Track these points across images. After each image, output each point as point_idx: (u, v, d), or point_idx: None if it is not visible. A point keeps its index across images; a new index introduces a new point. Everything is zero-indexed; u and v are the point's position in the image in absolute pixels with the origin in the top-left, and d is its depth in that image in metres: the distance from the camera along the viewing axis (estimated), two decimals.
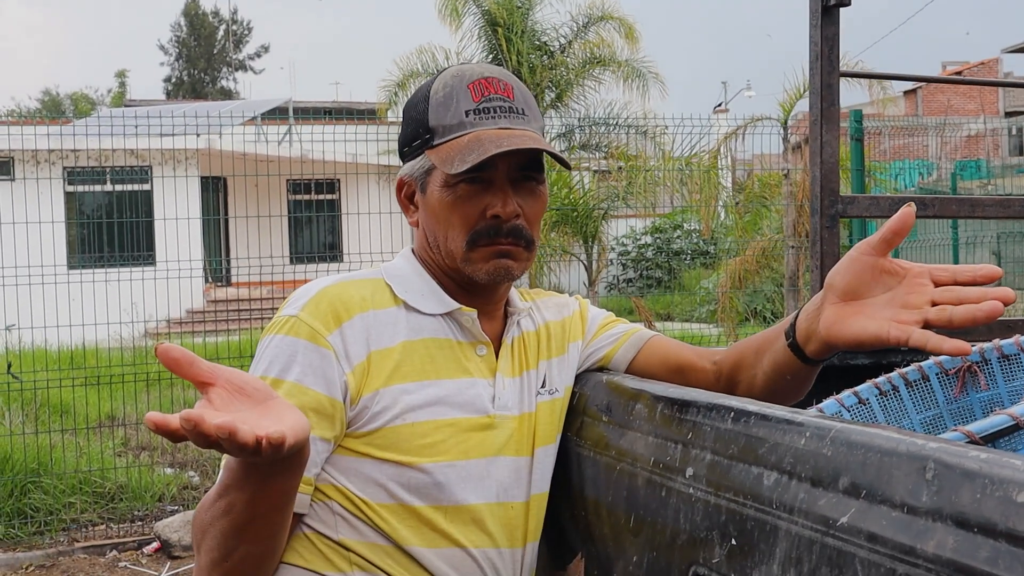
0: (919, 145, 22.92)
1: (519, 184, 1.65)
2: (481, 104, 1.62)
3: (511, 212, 1.62)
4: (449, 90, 1.65)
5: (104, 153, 11.18)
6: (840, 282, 1.43)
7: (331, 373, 1.56)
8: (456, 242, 1.64)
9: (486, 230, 1.63)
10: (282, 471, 1.31)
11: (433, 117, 1.64)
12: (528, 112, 1.66)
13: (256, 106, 21.43)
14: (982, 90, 36.90)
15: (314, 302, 1.60)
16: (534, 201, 1.67)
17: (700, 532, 1.26)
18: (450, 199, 1.63)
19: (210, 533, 1.41)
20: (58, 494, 6.62)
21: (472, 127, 1.61)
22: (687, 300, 16.18)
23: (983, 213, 2.80)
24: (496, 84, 1.65)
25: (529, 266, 1.70)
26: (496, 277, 1.65)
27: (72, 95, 56.47)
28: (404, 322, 1.65)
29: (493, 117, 1.62)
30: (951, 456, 0.91)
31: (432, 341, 1.65)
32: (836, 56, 2.54)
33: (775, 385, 1.62)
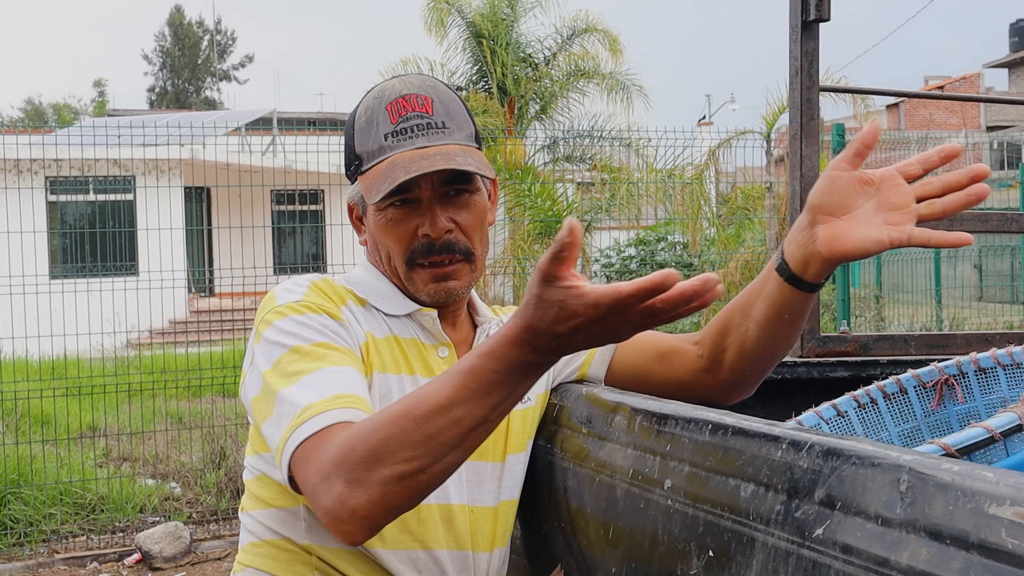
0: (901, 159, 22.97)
1: (449, 198, 1.65)
2: (399, 125, 1.62)
3: (440, 230, 1.63)
4: (370, 114, 1.65)
5: (87, 163, 11.15)
6: (825, 200, 1.42)
7: (351, 338, 1.58)
8: (397, 261, 1.67)
9: (421, 249, 1.64)
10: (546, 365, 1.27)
11: (359, 144, 1.66)
12: (450, 123, 1.65)
13: (240, 116, 21.39)
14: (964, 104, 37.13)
15: (312, 289, 1.63)
16: (468, 213, 1.66)
17: (678, 544, 1.27)
18: (383, 223, 1.65)
19: (414, 444, 1.27)
20: (38, 505, 6.57)
21: (390, 151, 1.62)
22: None
23: (961, 227, 2.82)
24: (414, 101, 1.64)
25: (477, 277, 1.71)
26: (439, 299, 1.68)
27: (55, 104, 56.29)
28: (374, 319, 1.68)
29: (410, 137, 1.62)
30: (924, 468, 0.92)
31: (397, 339, 1.68)
32: (816, 71, 2.56)
33: (774, 329, 1.57)
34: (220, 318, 11.86)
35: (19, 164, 11.89)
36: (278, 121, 22.23)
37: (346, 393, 1.43)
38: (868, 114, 14.09)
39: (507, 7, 17.01)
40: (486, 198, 1.72)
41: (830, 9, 2.50)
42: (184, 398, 8.48)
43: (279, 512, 1.62)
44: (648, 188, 10.99)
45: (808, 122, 2.56)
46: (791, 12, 2.54)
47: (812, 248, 1.44)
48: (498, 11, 16.89)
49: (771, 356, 1.64)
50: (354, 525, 1.29)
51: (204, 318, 12.62)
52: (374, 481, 1.27)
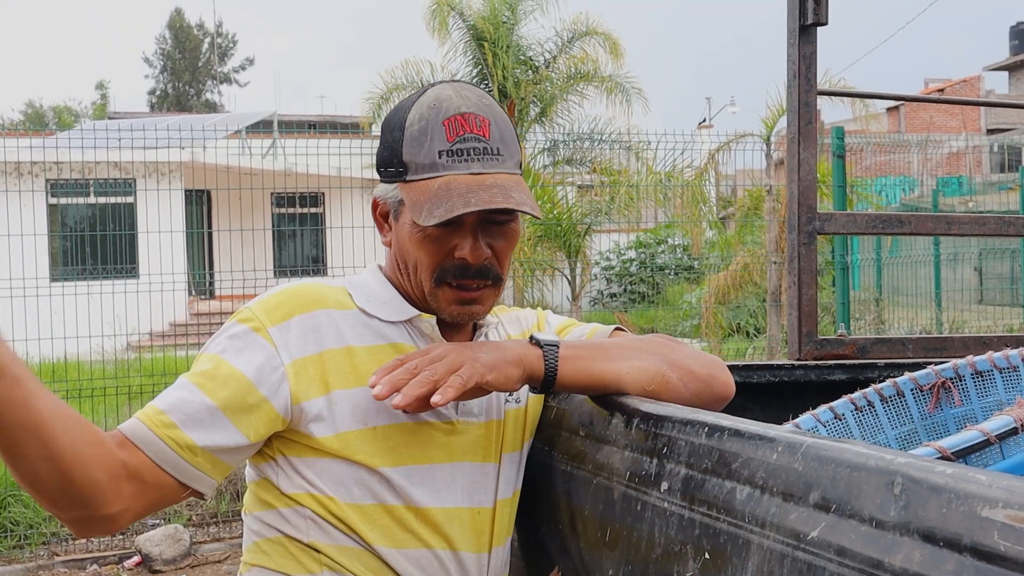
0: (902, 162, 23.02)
1: (490, 225, 1.65)
2: (455, 145, 1.60)
3: (479, 257, 1.63)
4: (424, 124, 1.62)
5: (87, 166, 11.16)
6: None
7: (259, 360, 1.59)
8: (423, 275, 1.66)
9: (453, 270, 1.64)
10: None
11: (407, 151, 1.63)
12: (504, 150, 1.63)
13: (241, 119, 21.39)
14: (964, 108, 37.15)
15: (270, 297, 1.66)
16: (505, 240, 1.67)
17: (674, 546, 1.27)
18: (419, 237, 1.64)
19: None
20: (38, 508, 6.58)
21: (444, 170, 1.59)
22: (671, 315, 16.20)
23: (959, 230, 2.83)
24: (472, 121, 1.62)
25: (496, 301, 1.73)
26: (460, 319, 1.69)
27: (55, 107, 56.34)
28: (365, 327, 1.67)
29: (466, 160, 1.60)
30: (918, 471, 0.93)
31: (393, 347, 1.67)
32: (813, 74, 2.57)
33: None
34: (220, 320, 11.84)
35: (20, 167, 11.90)
36: (279, 124, 22.25)
37: (151, 405, 1.57)
38: (868, 116, 14.08)
39: (508, 10, 17.03)
40: (520, 225, 1.73)
41: (827, 13, 2.51)
42: None
43: (283, 512, 1.63)
44: (648, 191, 11.00)
45: (806, 125, 2.57)
46: (789, 16, 2.55)
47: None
48: (499, 14, 16.91)
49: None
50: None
51: (204, 320, 12.64)
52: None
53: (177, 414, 1.54)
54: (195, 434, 1.54)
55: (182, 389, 1.58)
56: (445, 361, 1.49)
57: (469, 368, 1.48)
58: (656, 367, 1.61)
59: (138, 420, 1.55)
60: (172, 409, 1.55)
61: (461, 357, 1.50)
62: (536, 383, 1.57)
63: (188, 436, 1.53)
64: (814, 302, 2.65)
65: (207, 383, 1.57)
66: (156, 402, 1.57)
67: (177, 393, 1.57)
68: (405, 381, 1.46)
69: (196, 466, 1.55)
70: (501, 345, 1.57)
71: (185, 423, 1.54)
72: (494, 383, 1.51)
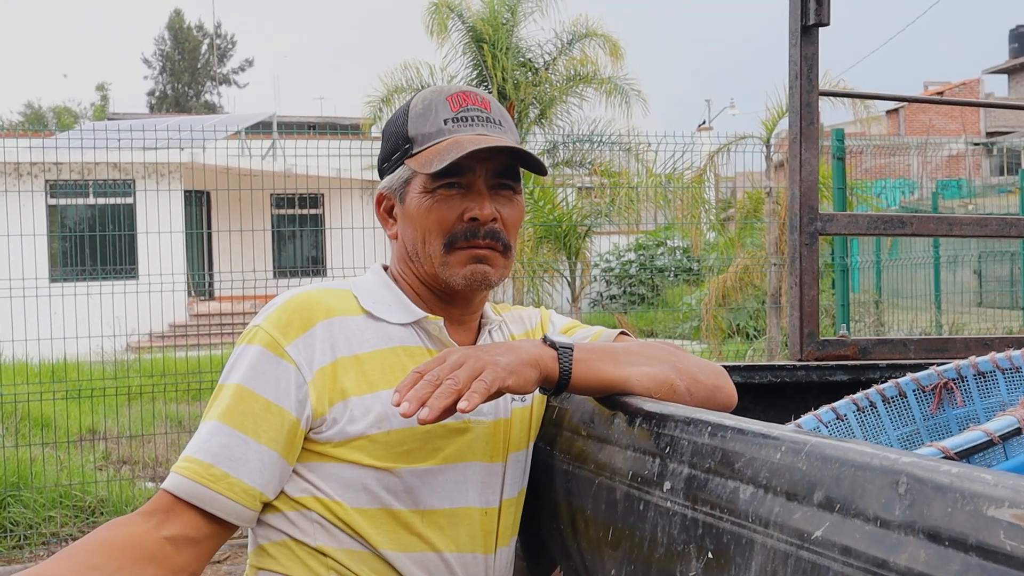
0: (901, 164, 23.05)
1: (496, 191, 1.68)
2: (460, 113, 1.67)
3: (489, 215, 1.65)
4: (428, 102, 1.69)
5: (87, 166, 11.16)
6: None
7: (285, 383, 1.59)
8: (434, 245, 1.67)
9: (463, 232, 1.66)
10: None
11: (412, 128, 1.68)
12: (504, 124, 1.71)
13: (240, 120, 21.40)
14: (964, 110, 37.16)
15: (279, 312, 1.65)
16: (511, 208, 1.70)
17: (677, 546, 1.27)
18: (428, 203, 1.66)
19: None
20: (38, 508, 6.57)
21: (451, 133, 1.65)
22: (670, 317, 16.21)
23: (960, 232, 2.83)
24: (474, 97, 1.71)
25: (507, 273, 1.73)
26: (473, 283, 1.68)
27: (54, 108, 56.33)
28: (373, 331, 1.67)
29: (471, 124, 1.67)
30: (923, 471, 0.92)
31: (403, 349, 1.67)
32: (815, 75, 2.57)
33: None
34: (220, 321, 11.87)
35: (19, 167, 11.90)
36: (278, 125, 22.27)
37: (192, 456, 1.57)
38: (868, 119, 14.09)
39: (507, 12, 17.03)
40: (524, 203, 1.77)
41: (830, 14, 2.51)
42: (184, 401, 8.48)
43: (290, 515, 1.62)
44: (648, 193, 10.99)
45: (807, 126, 2.57)
46: (791, 16, 2.55)
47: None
48: (498, 15, 16.91)
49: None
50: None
51: (204, 321, 12.62)
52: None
53: (226, 463, 1.55)
54: (249, 478, 1.56)
55: (220, 434, 1.57)
56: (466, 367, 1.47)
57: (491, 372, 1.46)
58: (664, 375, 1.61)
59: (184, 478, 1.55)
60: (219, 459, 1.55)
61: (480, 362, 1.48)
62: (550, 385, 1.56)
63: (243, 481, 1.55)
64: (815, 303, 2.65)
65: (244, 421, 1.57)
66: (196, 453, 1.57)
67: (217, 439, 1.57)
68: (429, 393, 1.44)
69: (251, 508, 1.58)
70: (516, 346, 1.56)
71: (236, 469, 1.55)
72: (514, 387, 1.50)
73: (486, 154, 1.63)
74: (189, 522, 1.54)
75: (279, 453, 1.58)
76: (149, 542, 1.51)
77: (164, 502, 1.55)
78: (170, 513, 1.54)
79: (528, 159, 1.68)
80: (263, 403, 1.58)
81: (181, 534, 1.53)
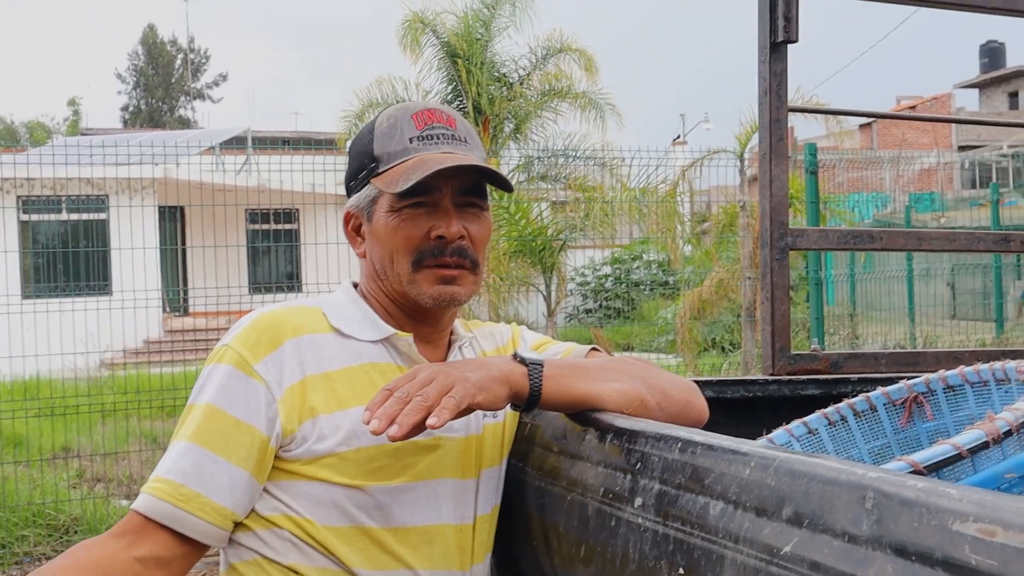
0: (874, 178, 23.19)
1: (463, 209, 1.69)
2: (424, 132, 1.67)
3: (456, 232, 1.66)
4: (393, 121, 1.69)
5: (60, 182, 11.09)
6: None
7: (255, 402, 1.58)
8: (402, 264, 1.67)
9: (431, 250, 1.66)
10: None
11: (378, 146, 1.69)
12: (470, 141, 1.71)
13: (214, 135, 21.34)
14: (936, 124, 37.46)
15: (247, 331, 1.64)
16: (479, 225, 1.71)
17: (649, 561, 1.27)
18: (395, 222, 1.67)
19: None
20: (11, 527, 6.51)
21: (416, 152, 1.66)
22: (647, 330, 16.24)
23: (930, 246, 2.85)
24: (439, 115, 1.70)
25: (476, 290, 1.73)
26: (441, 302, 1.68)
27: (27, 123, 55.99)
28: (342, 348, 1.67)
29: (436, 143, 1.67)
30: (889, 486, 0.93)
31: (372, 366, 1.67)
32: (784, 92, 2.58)
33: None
34: (195, 337, 11.81)
35: None
36: (252, 140, 22.21)
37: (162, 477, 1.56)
38: (841, 133, 14.18)
39: (482, 27, 17.06)
40: (491, 219, 1.77)
41: (798, 31, 2.53)
42: (159, 418, 8.43)
43: (261, 533, 1.62)
44: (622, 207, 11.02)
45: (777, 142, 2.58)
46: (760, 33, 2.56)
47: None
48: (473, 31, 16.94)
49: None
50: None
51: (178, 338, 12.57)
52: None
53: (196, 483, 1.54)
54: (220, 497, 1.55)
55: (191, 454, 1.56)
56: (435, 384, 1.46)
57: (460, 388, 1.46)
58: (635, 390, 1.61)
59: (155, 498, 1.54)
60: (189, 479, 1.54)
61: (450, 378, 1.47)
62: (520, 401, 1.56)
63: (214, 501, 1.54)
64: (787, 317, 2.66)
65: (214, 441, 1.56)
66: (167, 473, 1.56)
67: (187, 459, 1.56)
68: (399, 410, 1.43)
69: (223, 527, 1.57)
70: (486, 363, 1.56)
71: (207, 488, 1.54)
72: (484, 403, 1.49)
73: (451, 172, 1.63)
74: (160, 543, 1.53)
75: (250, 472, 1.57)
76: (120, 563, 1.50)
77: (134, 523, 1.54)
78: (141, 534, 1.53)
79: (493, 177, 1.69)
80: (233, 422, 1.57)
81: (152, 555, 1.52)
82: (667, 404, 1.64)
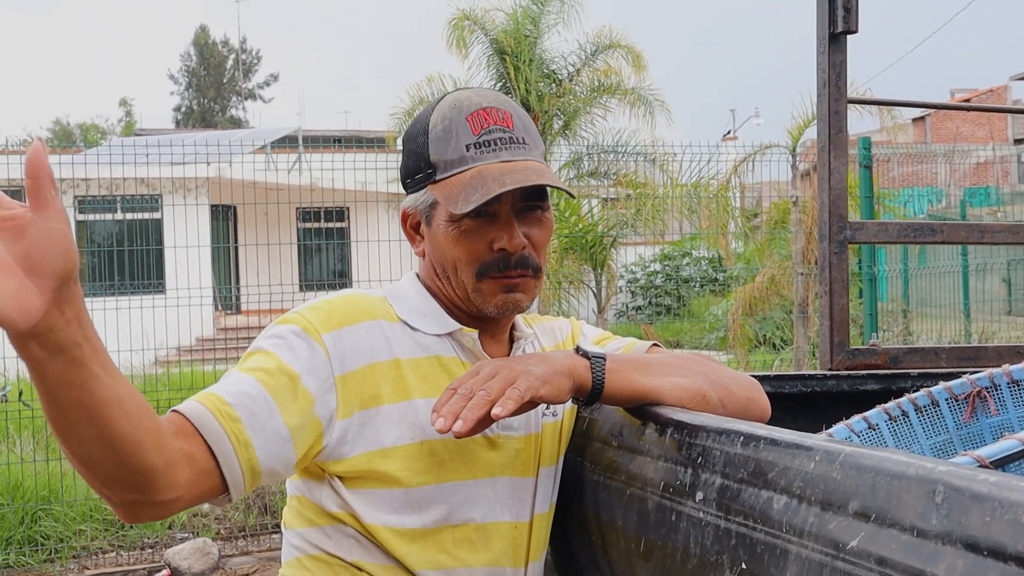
0: (928, 172, 22.89)
1: (524, 214, 1.66)
2: (481, 137, 1.62)
3: (518, 246, 1.63)
4: (448, 123, 1.64)
5: (115, 182, 11.23)
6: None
7: (314, 364, 1.55)
8: (465, 274, 1.65)
9: (494, 263, 1.64)
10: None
11: (434, 152, 1.64)
12: (528, 140, 1.66)
13: (266, 135, 21.50)
14: (991, 117, 36.91)
15: (319, 305, 1.64)
16: (540, 229, 1.68)
17: (710, 556, 1.26)
18: (455, 234, 1.64)
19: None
20: (68, 521, 6.62)
21: (474, 162, 1.61)
22: (696, 327, 16.16)
23: (992, 239, 2.81)
24: (495, 114, 1.65)
25: (537, 293, 1.71)
26: (505, 311, 1.67)
27: (82, 124, 56.78)
28: (410, 340, 1.66)
29: (494, 150, 1.62)
30: (960, 479, 0.92)
31: (438, 360, 1.67)
32: (844, 83, 2.56)
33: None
34: (247, 335, 11.92)
35: None
36: (303, 139, 22.38)
37: (211, 392, 1.49)
38: (895, 127, 14.01)
39: (530, 24, 17.04)
40: (553, 216, 1.74)
41: (858, 21, 2.50)
42: None
43: (326, 529, 1.62)
44: (673, 203, 10.97)
45: (836, 134, 2.55)
46: (819, 24, 2.54)
47: None
48: (521, 28, 16.92)
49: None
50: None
51: (231, 335, 12.69)
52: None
53: (243, 410, 1.47)
54: (254, 435, 1.47)
55: (243, 383, 1.50)
56: (499, 377, 1.46)
57: (524, 381, 1.45)
58: (697, 386, 1.60)
59: (203, 406, 1.45)
60: (238, 403, 1.47)
61: (513, 372, 1.47)
62: (582, 395, 1.55)
63: (248, 435, 1.46)
64: (846, 312, 2.64)
65: (267, 380, 1.51)
66: (219, 391, 1.49)
67: (240, 386, 1.50)
68: (463, 407, 1.42)
69: (242, 468, 1.46)
70: (549, 356, 1.55)
71: (249, 421, 1.47)
72: (547, 396, 1.48)
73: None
74: (198, 447, 1.44)
75: (291, 437, 1.51)
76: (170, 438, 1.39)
77: (179, 421, 1.45)
78: (184, 431, 1.43)
79: (558, 186, 1.64)
80: (293, 377, 1.53)
81: (189, 452, 1.42)
82: (729, 400, 1.63)
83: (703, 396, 1.59)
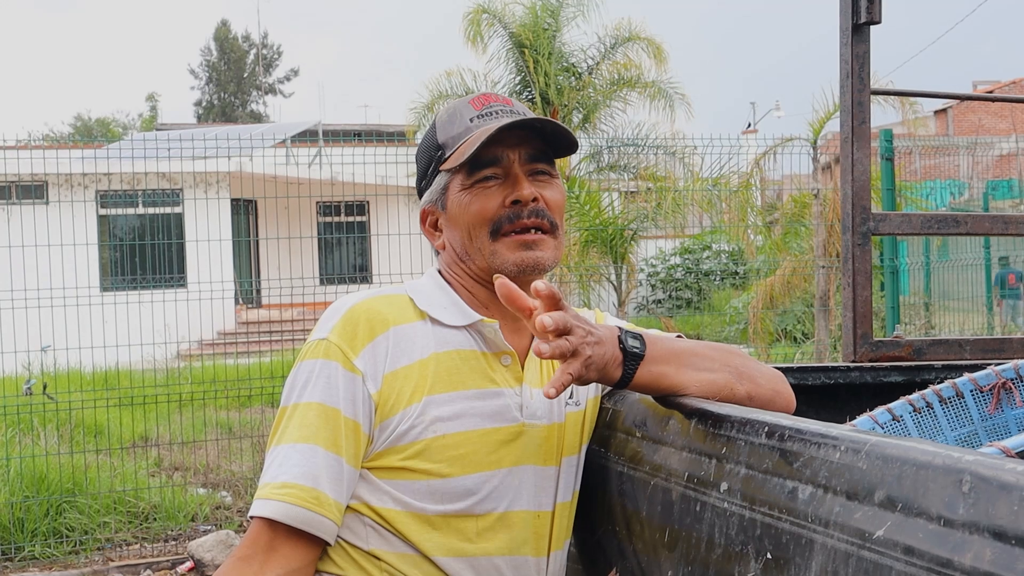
0: (950, 165, 22.72)
1: (534, 177, 1.71)
2: (483, 111, 1.72)
3: (529, 194, 1.67)
4: (452, 109, 1.75)
5: (136, 176, 11.29)
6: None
7: (358, 399, 1.61)
8: (481, 237, 1.69)
9: (508, 216, 1.68)
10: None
11: (441, 134, 1.73)
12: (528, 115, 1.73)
13: (286, 129, 21.55)
14: (1014, 109, 36.63)
15: (343, 322, 1.65)
16: (552, 190, 1.72)
17: (735, 546, 1.27)
18: (467, 199, 1.69)
19: None
20: (93, 513, 6.66)
21: (477, 127, 1.69)
22: (716, 320, 16.13)
23: (1016, 231, 2.79)
24: (495, 96, 1.76)
25: (559, 256, 1.74)
26: (525, 268, 1.68)
27: (102, 119, 57.00)
28: (431, 335, 1.68)
29: (496, 117, 1.70)
30: (988, 469, 0.91)
31: (458, 353, 1.68)
32: (867, 74, 2.55)
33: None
34: (268, 329, 11.96)
35: (71, 178, 12.05)
36: (323, 133, 22.39)
37: (292, 483, 1.57)
38: (916, 120, 13.94)
39: (549, 17, 17.03)
40: (563, 186, 1.78)
41: (881, 12, 2.49)
42: (233, 408, 8.56)
43: (345, 519, 1.64)
44: (694, 196, 10.95)
45: (859, 125, 2.54)
46: (841, 15, 2.53)
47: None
48: (540, 21, 16.91)
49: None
50: None
51: (252, 329, 12.73)
52: None
53: (327, 485, 1.58)
54: (338, 495, 1.59)
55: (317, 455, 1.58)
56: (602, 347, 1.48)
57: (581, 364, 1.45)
58: (724, 380, 1.60)
59: (290, 504, 1.56)
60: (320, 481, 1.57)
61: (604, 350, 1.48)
62: (610, 383, 1.56)
63: (337, 501, 1.59)
64: (869, 304, 2.63)
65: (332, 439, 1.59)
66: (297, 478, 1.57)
67: (315, 461, 1.58)
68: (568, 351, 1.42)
69: (335, 520, 1.61)
70: (604, 339, 1.51)
71: (335, 490, 1.58)
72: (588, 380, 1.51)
73: (516, 142, 1.67)
74: (291, 553, 1.56)
75: (355, 468, 1.62)
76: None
77: (264, 537, 1.56)
78: (271, 550, 1.56)
79: (558, 132, 1.70)
80: (344, 420, 1.60)
81: (284, 570, 1.56)
82: (756, 393, 1.63)
83: (731, 389, 1.60)
